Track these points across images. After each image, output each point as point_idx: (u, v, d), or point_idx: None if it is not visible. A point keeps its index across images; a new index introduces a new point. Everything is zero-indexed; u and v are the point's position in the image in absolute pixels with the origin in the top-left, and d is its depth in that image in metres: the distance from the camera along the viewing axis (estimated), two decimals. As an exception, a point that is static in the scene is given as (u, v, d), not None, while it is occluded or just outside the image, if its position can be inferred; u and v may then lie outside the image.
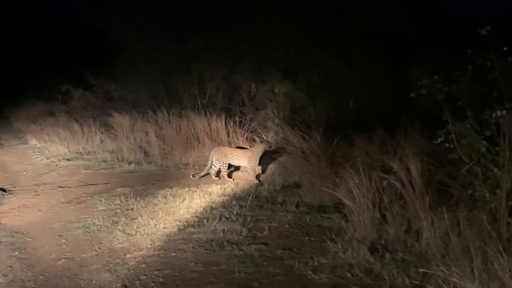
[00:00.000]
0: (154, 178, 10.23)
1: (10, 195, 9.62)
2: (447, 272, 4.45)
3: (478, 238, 4.75)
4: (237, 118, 12.43)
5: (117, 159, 11.99)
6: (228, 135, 11.77)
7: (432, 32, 11.19)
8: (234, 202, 7.93)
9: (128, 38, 16.04)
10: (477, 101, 5.82)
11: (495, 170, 5.29)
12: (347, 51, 12.10)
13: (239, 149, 9.83)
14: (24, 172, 11.75)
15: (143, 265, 5.90)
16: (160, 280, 5.51)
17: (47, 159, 12.94)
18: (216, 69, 14.31)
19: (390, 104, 10.38)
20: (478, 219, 5.08)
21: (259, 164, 9.57)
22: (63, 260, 6.31)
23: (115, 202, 8.46)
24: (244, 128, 12.20)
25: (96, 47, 18.86)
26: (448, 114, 5.76)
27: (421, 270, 4.93)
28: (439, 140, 5.81)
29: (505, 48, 5.40)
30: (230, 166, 9.80)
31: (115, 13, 15.77)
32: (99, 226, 7.33)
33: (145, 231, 6.94)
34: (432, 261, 5.04)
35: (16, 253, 6.66)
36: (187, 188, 8.94)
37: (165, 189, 9.00)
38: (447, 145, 5.76)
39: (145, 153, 12.06)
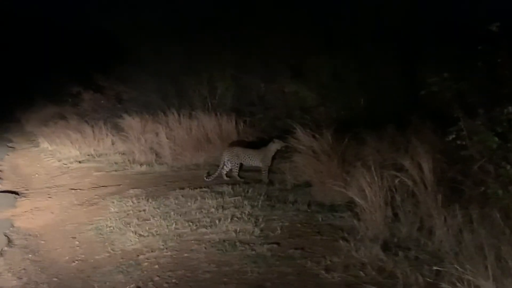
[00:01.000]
0: (166, 179, 10.25)
1: (23, 198, 9.68)
2: (460, 269, 4.43)
3: (491, 235, 4.72)
4: (247, 118, 12.44)
5: (128, 160, 12.02)
6: (239, 135, 11.78)
7: (442, 29, 11.14)
8: (245, 202, 7.93)
9: (138, 40, 16.10)
10: (488, 98, 5.80)
11: (508, 167, 5.26)
12: (357, 49, 12.08)
13: (251, 149, 9.82)
14: (36, 175, 11.82)
15: (156, 266, 5.91)
16: (173, 281, 5.51)
17: (59, 161, 13.01)
18: (226, 69, 14.33)
19: (401, 102, 10.35)
20: (491, 216, 5.05)
21: (271, 164, 9.59)
22: (77, 262, 6.34)
23: (127, 204, 8.48)
24: (254, 128, 12.21)
25: (106, 49, 18.93)
26: (459, 111, 5.74)
27: (434, 268, 4.93)
28: (450, 138, 5.80)
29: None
30: (241, 166, 9.81)
31: (125, 14, 15.83)
32: (111, 228, 7.35)
33: (158, 232, 6.95)
34: (445, 259, 5.02)
35: (30, 255, 6.70)
36: (198, 189, 8.95)
37: (177, 190, 9.02)
38: (458, 142, 5.74)
39: (156, 154, 12.08)
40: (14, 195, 9.91)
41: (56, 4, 23.79)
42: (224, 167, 9.76)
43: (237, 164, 9.68)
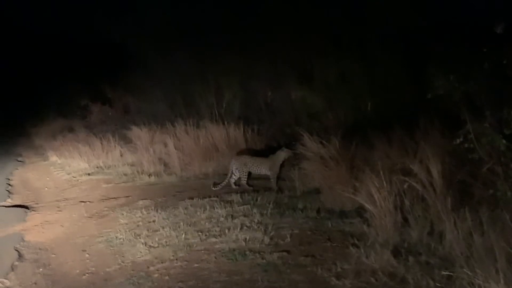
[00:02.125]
0: (175, 189, 10.25)
1: (33, 212, 9.70)
2: (471, 274, 4.42)
3: (502, 238, 4.69)
4: (255, 126, 12.43)
5: (137, 171, 12.03)
6: (247, 143, 11.77)
7: (449, 30, 11.10)
8: (254, 210, 7.92)
9: (144, 50, 16.17)
10: (495, 100, 5.77)
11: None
12: (364, 52, 12.04)
13: (259, 158, 9.82)
14: (46, 189, 11.85)
15: (167, 277, 5.90)
16: (184, 291, 5.53)
17: (68, 174, 13.05)
18: (232, 77, 14.34)
19: (409, 104, 10.30)
20: (501, 218, 5.02)
21: (280, 171, 9.58)
22: (87, 274, 6.34)
23: (136, 215, 8.49)
24: (262, 136, 12.20)
25: (113, 60, 19.04)
26: (467, 113, 5.71)
27: (445, 272, 4.90)
28: (458, 141, 5.77)
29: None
30: (250, 174, 9.80)
31: (131, 25, 15.91)
32: (121, 240, 7.36)
33: (167, 243, 6.95)
34: (456, 263, 4.99)
35: (41, 269, 6.71)
36: (207, 198, 8.95)
37: (186, 200, 9.01)
38: (466, 145, 5.71)
39: (164, 164, 12.08)
40: (24, 209, 9.94)
41: (62, 16, 23.94)
42: (233, 175, 9.76)
43: (246, 172, 9.67)
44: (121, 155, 13.75)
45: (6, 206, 10.33)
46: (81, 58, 21.64)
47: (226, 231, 7.10)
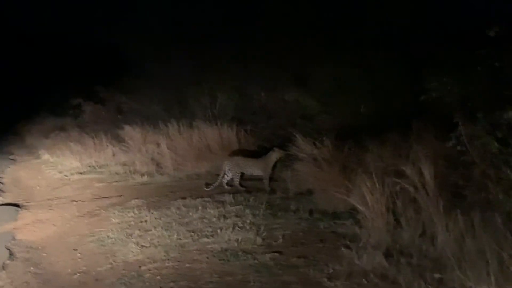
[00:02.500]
0: (167, 189, 10.23)
1: (24, 211, 9.67)
2: (462, 276, 4.42)
3: (494, 241, 4.70)
4: (248, 127, 12.42)
5: (129, 171, 12.01)
6: (240, 144, 11.76)
7: (442, 32, 11.10)
8: (247, 211, 7.91)
9: (138, 50, 16.14)
10: (489, 102, 5.78)
11: (508, 171, 5.25)
12: (358, 55, 12.04)
13: (252, 158, 9.82)
14: (38, 187, 11.81)
15: (158, 277, 5.89)
16: (175, 291, 5.51)
17: (60, 173, 13.00)
18: (227, 79, 14.32)
19: (404, 106, 10.31)
20: (493, 221, 5.03)
21: (272, 172, 9.58)
22: (79, 274, 6.31)
23: (128, 215, 8.46)
24: (256, 137, 12.19)
25: (106, 60, 19.00)
26: (460, 116, 5.73)
27: (436, 275, 4.90)
28: (450, 143, 5.78)
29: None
30: (243, 175, 9.79)
31: (125, 26, 15.89)
32: (113, 239, 7.33)
33: (159, 243, 6.93)
34: (448, 265, 4.98)
35: (32, 268, 6.68)
36: (200, 199, 8.93)
37: (178, 200, 8.98)
38: (458, 147, 5.72)
39: (157, 164, 12.05)
40: (15, 207, 9.90)
41: (56, 16, 23.86)
42: (225, 176, 9.75)
43: (238, 173, 9.66)
44: (114, 155, 13.71)
45: (-3, 205, 10.29)
46: (74, 58, 21.56)
47: (219, 231, 7.08)
